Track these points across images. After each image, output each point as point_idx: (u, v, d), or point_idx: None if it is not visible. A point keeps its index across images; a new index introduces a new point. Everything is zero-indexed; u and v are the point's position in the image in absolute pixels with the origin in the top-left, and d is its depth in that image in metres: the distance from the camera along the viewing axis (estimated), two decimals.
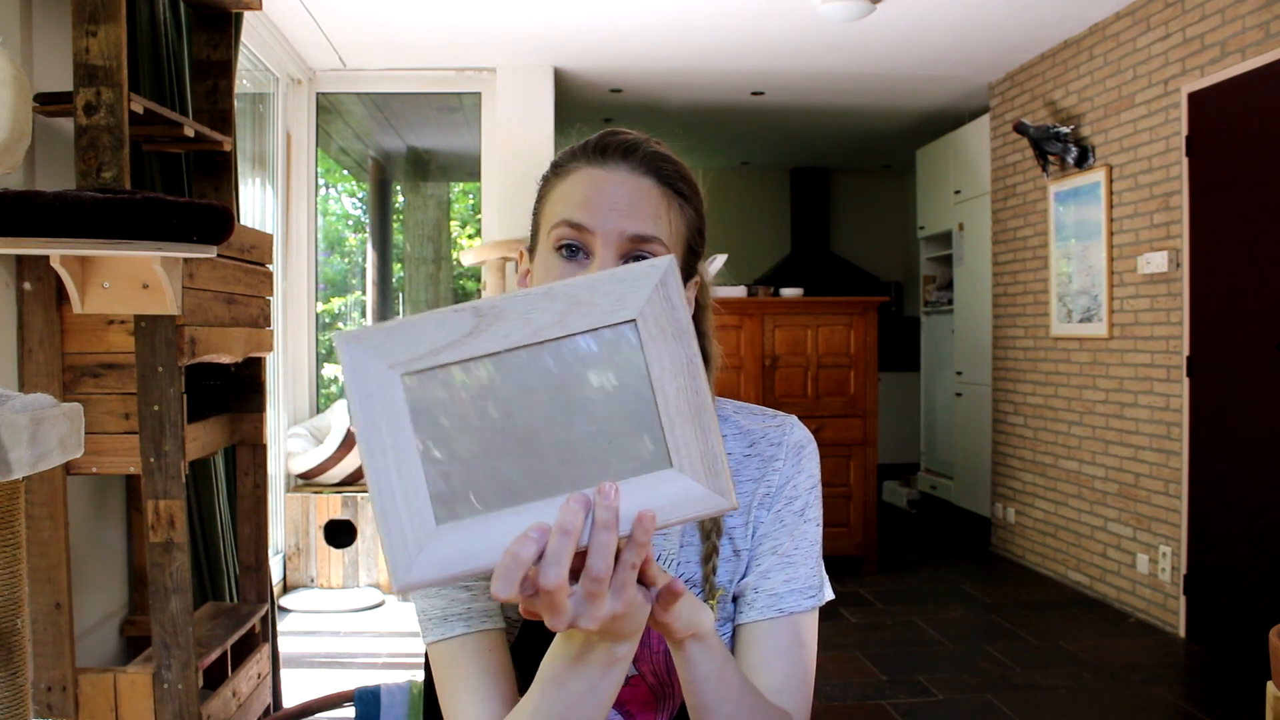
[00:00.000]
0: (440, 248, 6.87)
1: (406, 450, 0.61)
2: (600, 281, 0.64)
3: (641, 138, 0.89)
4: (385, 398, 0.61)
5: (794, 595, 0.89)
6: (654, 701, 0.91)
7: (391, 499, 0.60)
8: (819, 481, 0.95)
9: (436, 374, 0.62)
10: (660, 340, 0.64)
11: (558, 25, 4.23)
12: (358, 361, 0.62)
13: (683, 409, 0.63)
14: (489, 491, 0.62)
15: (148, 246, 1.66)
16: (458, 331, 0.62)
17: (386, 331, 0.62)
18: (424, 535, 0.61)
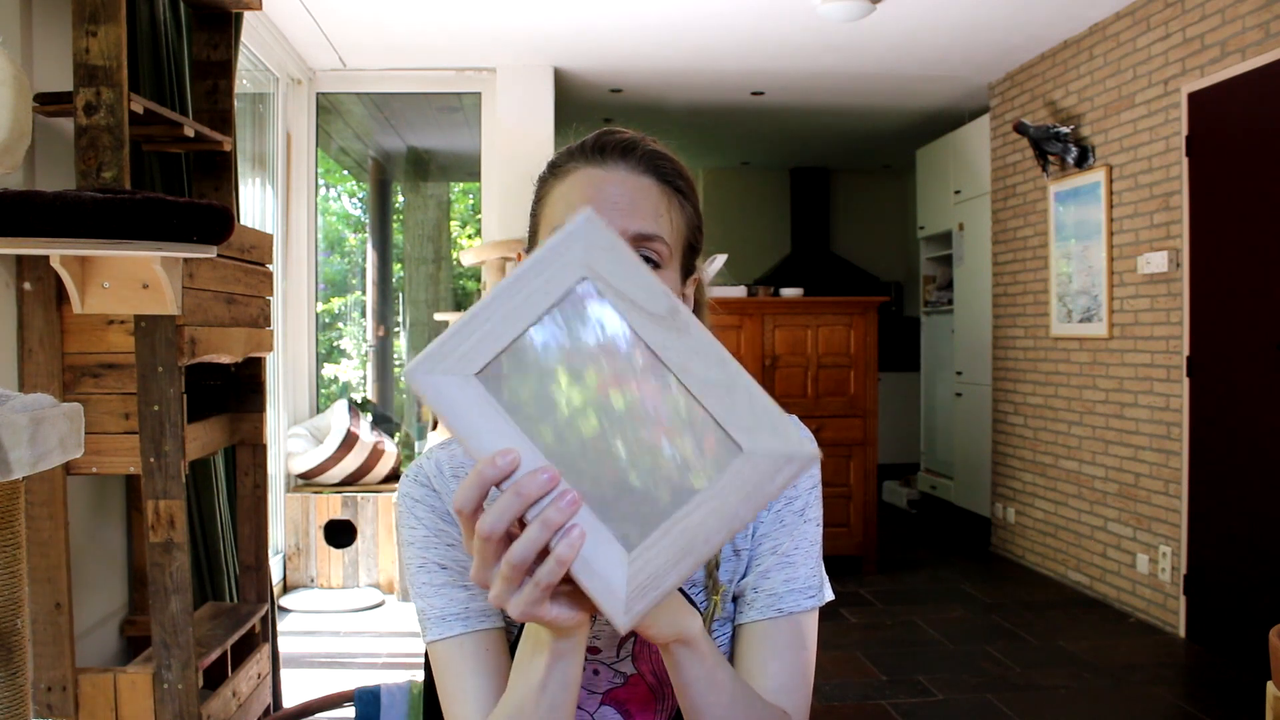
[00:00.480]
0: (440, 248, 6.87)
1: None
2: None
3: (639, 136, 0.89)
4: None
5: (793, 595, 0.89)
6: (653, 700, 0.91)
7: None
8: (819, 482, 0.95)
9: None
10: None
11: (558, 25, 4.23)
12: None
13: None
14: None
15: (148, 246, 1.66)
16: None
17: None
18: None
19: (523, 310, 0.60)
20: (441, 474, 0.90)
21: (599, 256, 0.61)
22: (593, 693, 0.90)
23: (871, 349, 4.62)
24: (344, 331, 6.95)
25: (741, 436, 0.61)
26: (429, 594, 0.86)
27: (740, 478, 0.61)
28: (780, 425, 0.61)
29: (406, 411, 6.47)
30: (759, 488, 0.61)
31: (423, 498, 0.89)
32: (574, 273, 0.60)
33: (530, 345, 0.60)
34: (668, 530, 0.60)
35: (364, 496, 4.23)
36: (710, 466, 0.61)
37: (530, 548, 0.59)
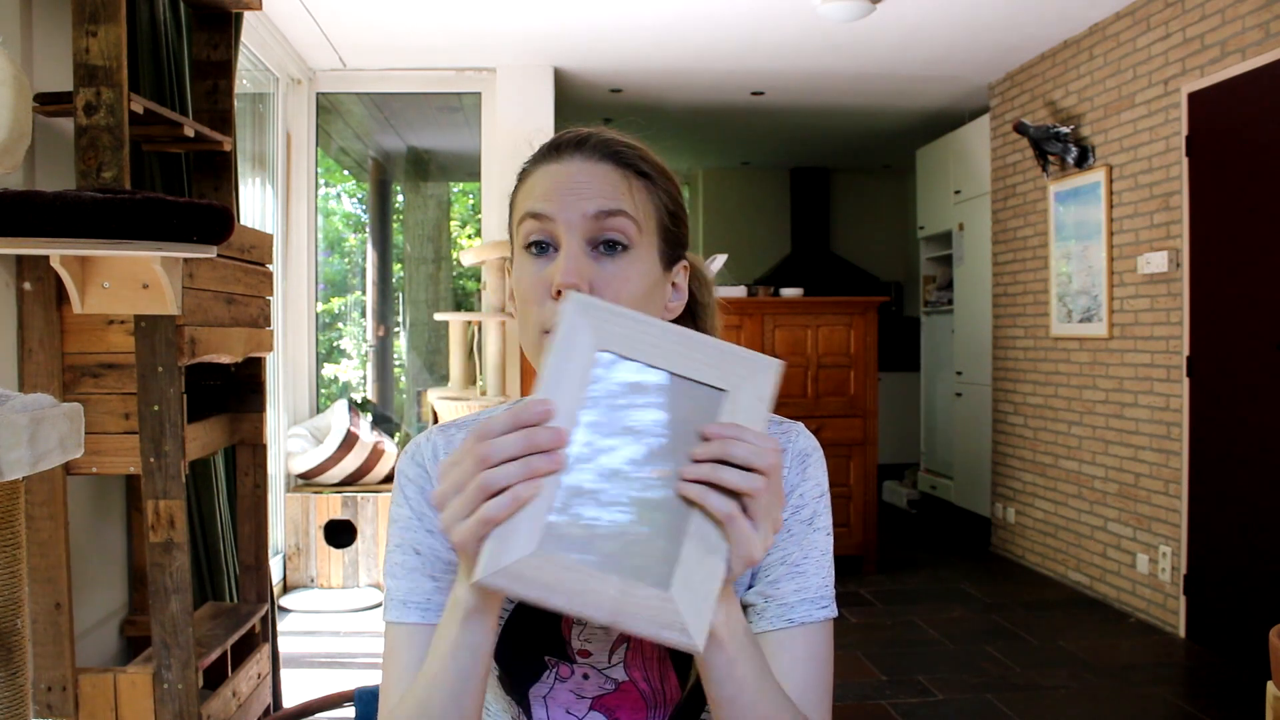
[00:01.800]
0: (440, 248, 6.87)
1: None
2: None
3: (595, 129, 0.89)
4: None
5: (805, 605, 0.87)
6: (645, 708, 0.90)
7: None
8: (827, 490, 0.93)
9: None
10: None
11: (558, 25, 4.23)
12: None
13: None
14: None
15: (148, 246, 1.66)
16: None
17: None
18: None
19: (673, 358, 0.69)
20: (437, 458, 0.92)
21: (748, 393, 0.69)
22: (582, 697, 0.89)
23: (871, 349, 4.62)
24: (344, 331, 6.95)
25: (678, 583, 0.65)
26: (398, 575, 0.89)
27: (647, 603, 0.64)
28: (704, 611, 0.65)
29: (406, 411, 6.47)
30: (645, 624, 0.64)
31: (415, 478, 0.91)
32: (725, 383, 0.69)
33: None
34: (580, 570, 0.64)
35: (364, 496, 4.23)
36: (645, 570, 0.65)
37: (505, 477, 0.63)
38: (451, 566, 0.89)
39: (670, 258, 0.90)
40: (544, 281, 0.83)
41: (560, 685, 0.89)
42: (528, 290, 0.85)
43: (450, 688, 0.76)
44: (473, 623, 0.74)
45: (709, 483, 0.65)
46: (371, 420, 4.75)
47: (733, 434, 0.66)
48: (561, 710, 0.90)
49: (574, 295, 0.68)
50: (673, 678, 0.89)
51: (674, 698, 0.89)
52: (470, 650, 0.74)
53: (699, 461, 0.66)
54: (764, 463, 0.66)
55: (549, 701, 0.90)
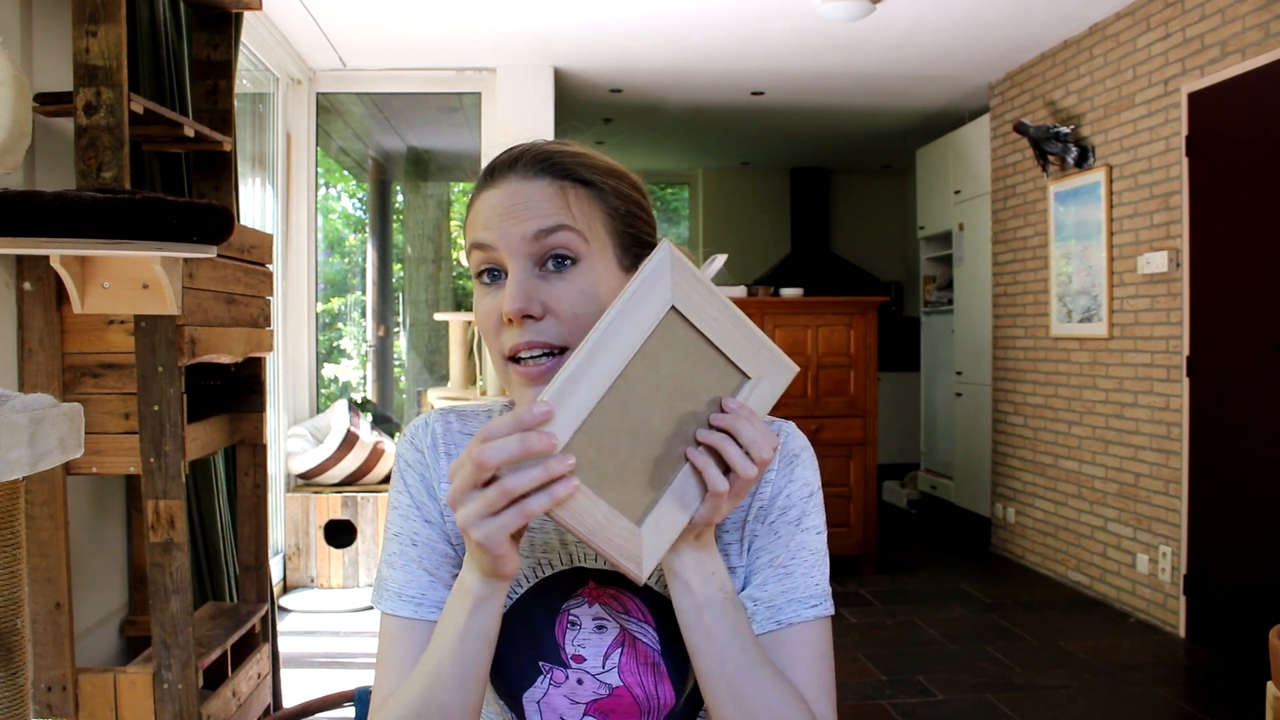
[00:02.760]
0: (440, 248, 6.87)
1: None
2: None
3: (528, 145, 0.87)
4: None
5: (793, 606, 0.87)
6: (638, 714, 0.89)
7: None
8: (817, 489, 0.92)
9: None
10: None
11: (558, 25, 4.23)
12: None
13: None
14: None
15: (148, 246, 1.66)
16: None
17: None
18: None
19: (721, 333, 0.75)
20: (435, 448, 0.92)
21: (766, 386, 0.78)
22: (576, 703, 0.89)
23: (871, 349, 4.62)
24: (344, 331, 6.95)
25: (648, 526, 0.74)
26: (395, 564, 0.90)
27: (618, 530, 0.73)
28: (655, 556, 0.75)
29: (406, 411, 6.47)
30: (608, 544, 0.73)
31: (415, 463, 0.92)
32: (752, 371, 0.77)
33: (693, 343, 0.75)
34: (581, 490, 0.72)
35: (364, 496, 4.23)
36: (628, 504, 0.74)
37: (527, 482, 0.68)
38: (448, 559, 0.89)
39: (633, 256, 0.87)
40: (497, 309, 0.82)
41: (554, 690, 0.89)
42: (483, 321, 0.84)
43: (458, 674, 0.78)
44: (482, 609, 0.77)
45: (713, 451, 0.74)
46: (371, 420, 4.75)
47: (747, 415, 0.74)
48: (556, 715, 0.90)
49: (668, 245, 0.72)
50: (666, 684, 0.89)
51: (668, 704, 0.89)
52: (477, 636, 0.78)
53: (713, 428, 0.74)
54: (761, 454, 0.74)
55: (543, 707, 0.90)
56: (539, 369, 0.81)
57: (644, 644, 0.89)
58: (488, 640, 0.78)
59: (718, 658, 0.79)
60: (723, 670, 0.79)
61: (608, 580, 0.90)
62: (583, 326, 0.79)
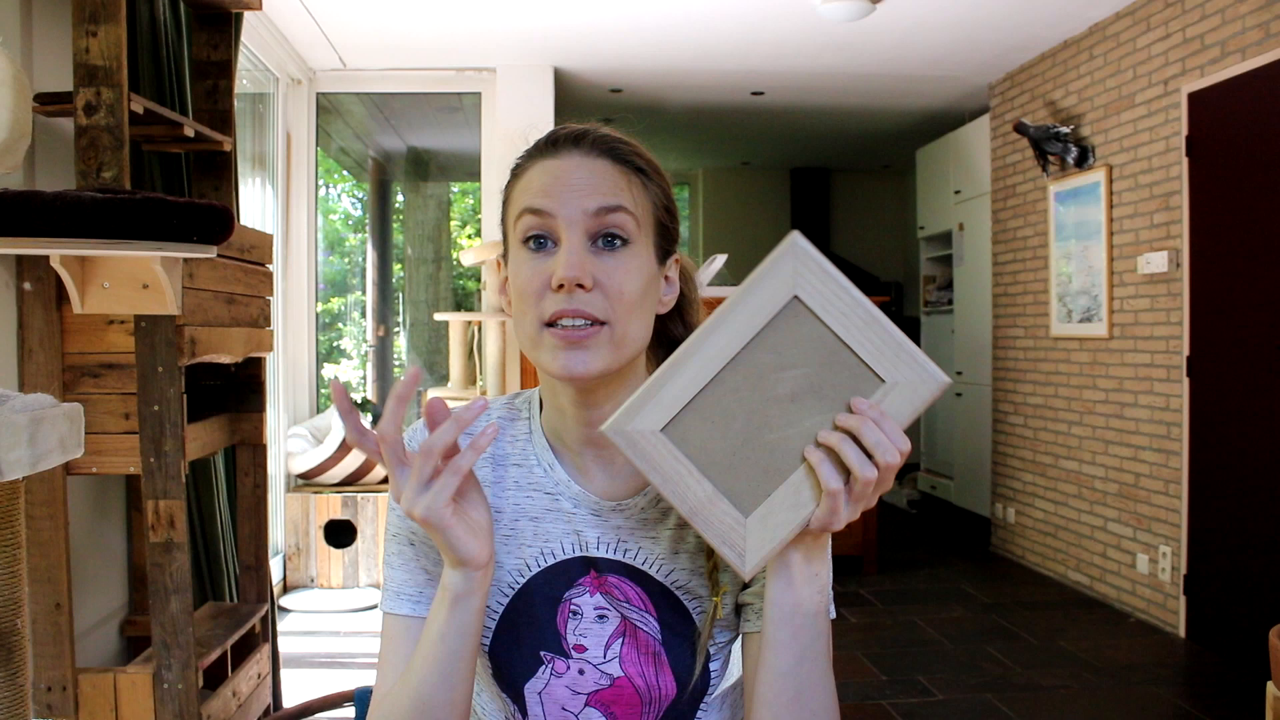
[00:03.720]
0: (440, 248, 6.87)
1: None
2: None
3: (591, 125, 0.90)
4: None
5: None
6: (639, 704, 0.90)
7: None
8: None
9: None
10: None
11: (558, 25, 4.23)
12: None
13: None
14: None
15: (148, 246, 1.66)
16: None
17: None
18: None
19: (851, 332, 0.72)
20: None
21: (904, 391, 0.72)
22: (577, 693, 0.90)
23: None
24: (344, 331, 6.95)
25: (756, 519, 0.73)
26: (394, 564, 0.91)
27: (723, 519, 0.73)
28: (764, 552, 0.74)
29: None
30: (714, 532, 0.73)
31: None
32: (888, 375, 0.72)
33: (824, 339, 0.72)
34: (686, 465, 0.72)
35: (364, 496, 4.23)
36: (736, 493, 0.73)
37: (442, 438, 0.74)
38: None
39: (664, 253, 0.91)
40: (544, 275, 0.83)
41: (556, 680, 0.90)
42: (526, 284, 0.84)
43: (441, 670, 0.79)
44: (460, 606, 0.78)
45: (832, 450, 0.72)
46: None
47: (875, 416, 0.71)
48: (557, 706, 0.90)
49: (796, 235, 0.72)
50: (668, 674, 0.89)
51: (669, 695, 0.90)
52: (458, 632, 0.79)
53: (837, 429, 0.72)
54: (886, 458, 0.71)
55: (544, 697, 0.90)
56: (579, 334, 0.82)
57: (645, 634, 0.90)
58: (469, 636, 0.79)
59: (797, 659, 0.79)
60: (798, 671, 0.79)
61: (609, 569, 0.90)
62: (625, 304, 0.83)
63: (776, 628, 0.79)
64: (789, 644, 0.79)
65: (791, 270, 0.71)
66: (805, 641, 0.79)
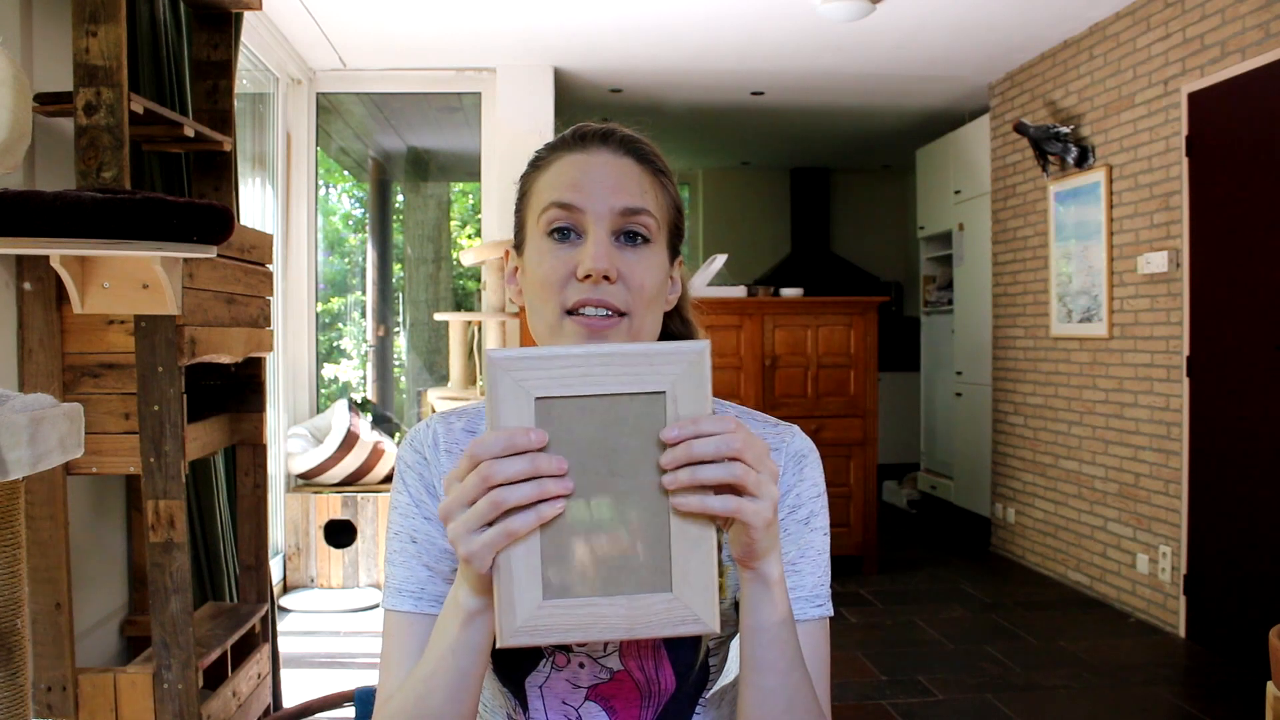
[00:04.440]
0: (440, 248, 6.87)
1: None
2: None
3: (614, 124, 0.93)
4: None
5: (799, 604, 0.89)
6: (639, 698, 0.90)
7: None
8: (824, 491, 0.94)
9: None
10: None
11: (558, 25, 4.23)
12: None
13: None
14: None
15: (148, 246, 1.66)
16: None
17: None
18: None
19: (605, 380, 0.68)
20: (436, 446, 0.94)
21: (685, 385, 0.69)
22: (578, 687, 0.90)
23: (871, 349, 4.62)
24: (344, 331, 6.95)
25: (678, 582, 0.69)
26: (396, 561, 0.91)
27: (656, 609, 0.69)
28: (709, 599, 0.69)
29: (406, 411, 6.47)
30: (661, 625, 0.69)
31: (414, 464, 0.93)
32: (660, 384, 0.69)
33: (588, 407, 0.69)
34: (586, 604, 0.68)
35: (364, 496, 4.23)
36: (644, 582, 0.69)
37: (520, 497, 0.66)
38: (447, 555, 0.90)
39: (674, 252, 0.95)
40: (568, 265, 0.86)
41: (556, 674, 0.90)
42: (549, 273, 0.87)
43: (450, 685, 0.78)
44: (474, 625, 0.76)
45: (697, 486, 0.68)
46: (371, 420, 4.75)
47: (691, 432, 0.67)
48: (558, 700, 0.90)
49: (492, 357, 0.68)
50: (668, 668, 0.90)
51: (669, 688, 0.90)
52: (470, 649, 0.77)
53: (670, 469, 0.68)
54: (732, 447, 0.68)
55: (545, 691, 0.90)
56: (602, 323, 0.85)
57: None
58: (480, 653, 0.78)
59: (786, 671, 0.78)
60: (786, 683, 0.79)
61: None
62: (645, 299, 0.87)
63: (766, 650, 0.78)
64: (776, 662, 0.78)
65: (511, 382, 0.68)
66: (789, 653, 0.78)
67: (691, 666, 0.90)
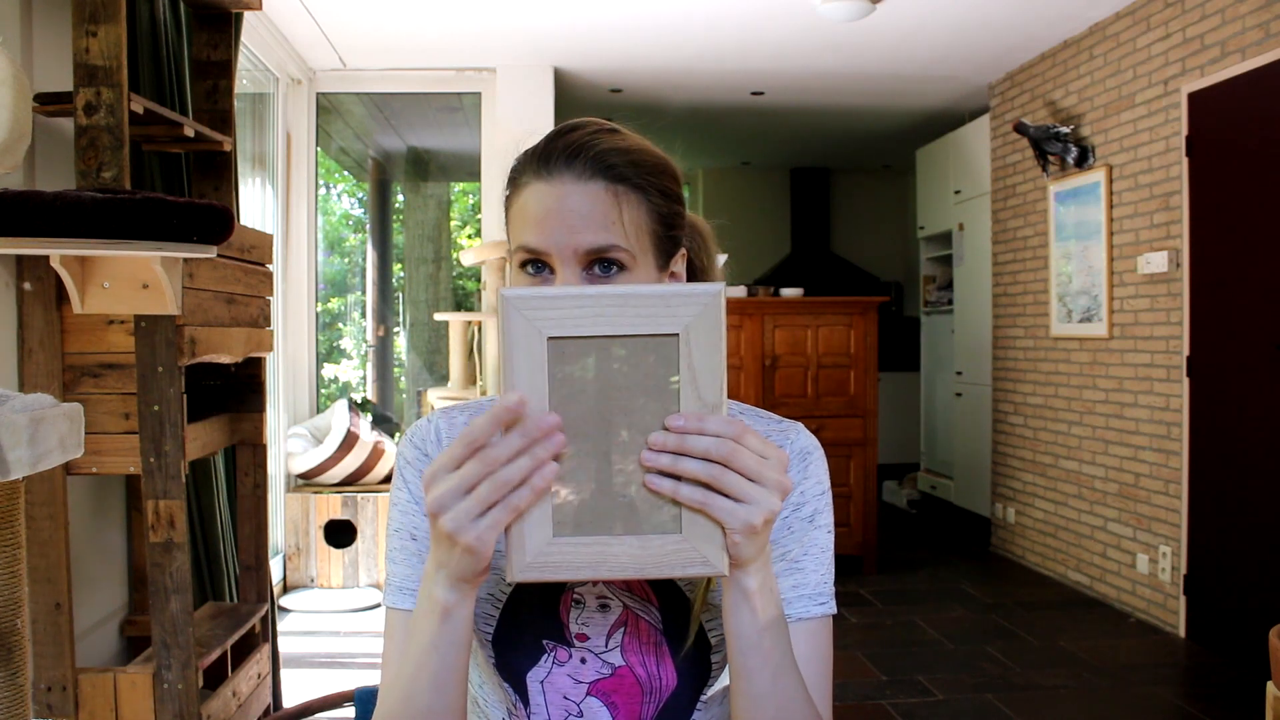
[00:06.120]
0: (440, 248, 6.87)
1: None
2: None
3: (587, 137, 0.86)
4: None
5: (802, 601, 0.89)
6: (640, 694, 0.90)
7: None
8: (829, 489, 0.93)
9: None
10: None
11: (558, 25, 4.23)
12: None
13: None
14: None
15: (148, 246, 1.66)
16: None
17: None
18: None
19: (619, 321, 0.68)
20: (439, 442, 0.94)
21: (699, 329, 0.69)
22: (579, 682, 0.90)
23: (871, 349, 4.62)
24: (344, 331, 6.95)
25: (687, 526, 0.69)
26: (396, 559, 0.91)
27: (665, 550, 0.69)
28: (720, 543, 0.70)
29: (406, 411, 6.47)
30: (670, 566, 0.70)
31: (414, 460, 0.93)
32: (674, 326, 0.69)
33: (604, 348, 0.69)
34: (596, 542, 0.69)
35: (364, 496, 4.23)
36: (655, 524, 0.70)
37: (520, 470, 0.66)
38: None
39: (666, 257, 0.90)
40: None
41: (558, 669, 0.90)
42: None
43: (434, 681, 0.78)
44: (452, 618, 0.75)
45: (675, 474, 0.68)
46: (371, 420, 4.75)
47: (695, 428, 0.67)
48: (559, 695, 0.90)
49: (505, 296, 0.68)
50: (669, 664, 0.90)
51: (670, 685, 0.90)
52: (450, 644, 0.77)
53: (662, 470, 0.68)
54: (721, 453, 0.67)
55: (546, 686, 0.90)
56: None
57: (647, 623, 0.90)
58: (461, 646, 0.77)
59: (772, 678, 0.77)
60: (775, 690, 0.78)
61: None
62: None
63: (747, 657, 0.77)
64: (762, 668, 0.77)
65: (524, 320, 0.68)
66: (777, 658, 0.77)
67: (694, 662, 0.90)
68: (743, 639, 0.76)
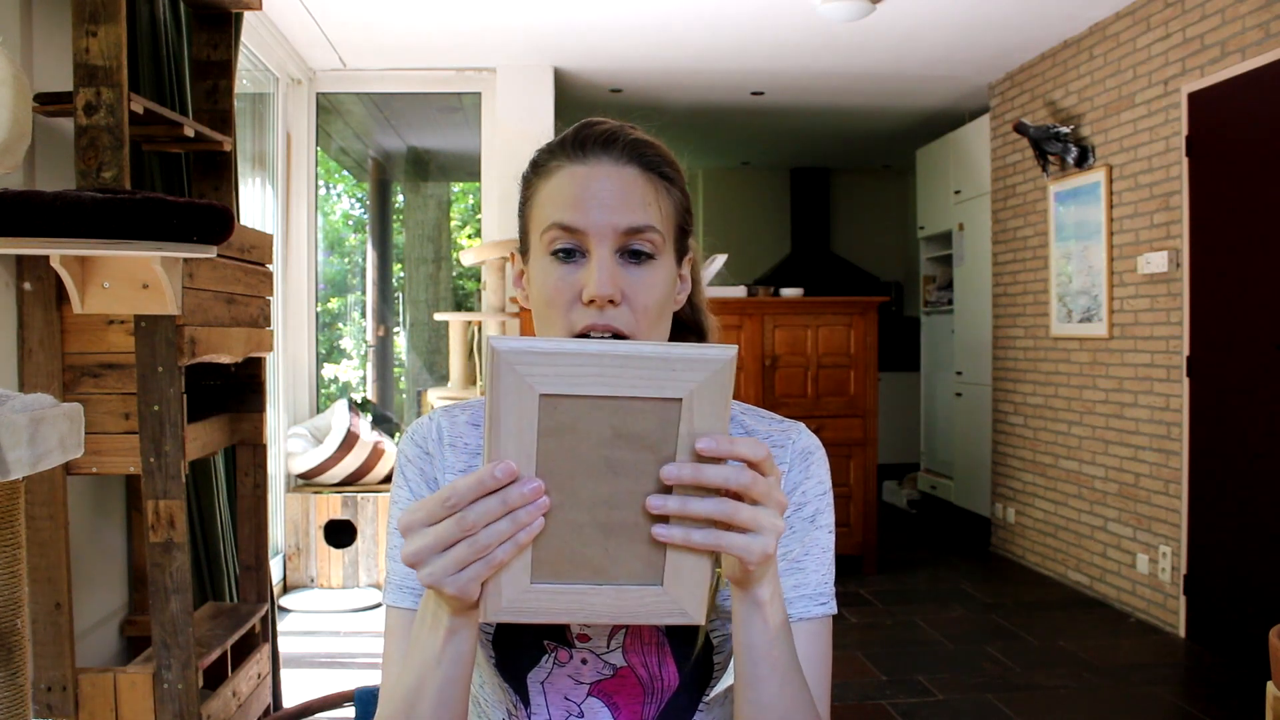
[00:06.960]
0: (440, 248, 6.87)
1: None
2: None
3: (618, 126, 0.89)
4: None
5: (803, 601, 0.89)
6: (642, 694, 0.90)
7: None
8: (830, 489, 0.94)
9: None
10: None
11: (558, 25, 4.23)
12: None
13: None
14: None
15: (148, 246, 1.66)
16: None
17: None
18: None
19: (618, 382, 0.64)
20: (440, 440, 0.93)
21: (704, 395, 0.65)
22: (580, 683, 0.90)
23: (871, 349, 4.62)
24: (344, 331, 6.95)
25: (669, 579, 0.68)
26: (396, 557, 0.90)
27: (644, 600, 0.68)
28: (699, 596, 0.68)
29: (406, 411, 6.47)
30: (646, 615, 0.68)
31: (415, 458, 0.93)
32: (678, 391, 0.65)
33: (599, 408, 0.65)
34: (573, 590, 0.68)
35: (364, 496, 4.23)
36: (634, 574, 0.68)
37: (497, 533, 0.65)
38: None
39: (680, 256, 0.92)
40: (573, 286, 0.85)
41: (559, 670, 0.90)
42: (554, 294, 0.85)
43: (437, 694, 0.76)
44: (457, 637, 0.74)
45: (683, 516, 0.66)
46: (371, 420, 4.75)
47: (726, 450, 0.65)
48: (560, 696, 0.90)
49: (497, 349, 0.63)
50: (671, 665, 0.90)
51: (671, 686, 0.90)
52: (454, 660, 0.75)
53: (671, 486, 0.66)
54: (741, 481, 0.66)
55: (547, 687, 0.90)
56: None
57: (647, 625, 0.90)
58: (466, 660, 0.76)
59: (779, 685, 0.78)
60: (781, 696, 0.78)
61: None
62: (650, 319, 0.85)
63: (757, 666, 0.77)
64: (770, 676, 0.77)
65: (515, 377, 0.63)
66: (784, 665, 0.77)
67: (690, 659, 0.90)
68: (754, 649, 0.76)
